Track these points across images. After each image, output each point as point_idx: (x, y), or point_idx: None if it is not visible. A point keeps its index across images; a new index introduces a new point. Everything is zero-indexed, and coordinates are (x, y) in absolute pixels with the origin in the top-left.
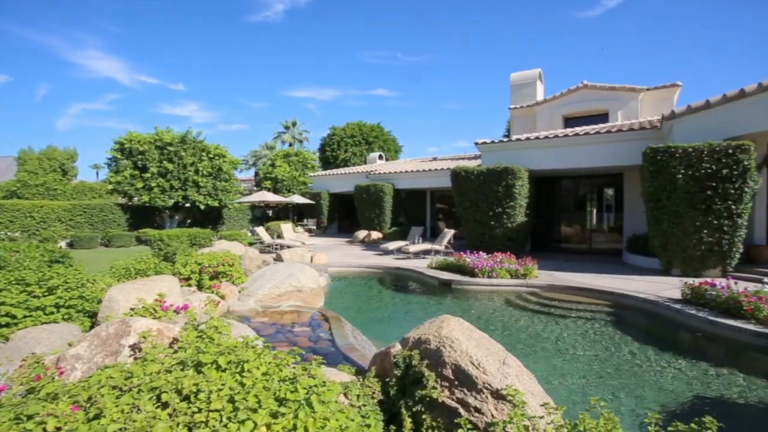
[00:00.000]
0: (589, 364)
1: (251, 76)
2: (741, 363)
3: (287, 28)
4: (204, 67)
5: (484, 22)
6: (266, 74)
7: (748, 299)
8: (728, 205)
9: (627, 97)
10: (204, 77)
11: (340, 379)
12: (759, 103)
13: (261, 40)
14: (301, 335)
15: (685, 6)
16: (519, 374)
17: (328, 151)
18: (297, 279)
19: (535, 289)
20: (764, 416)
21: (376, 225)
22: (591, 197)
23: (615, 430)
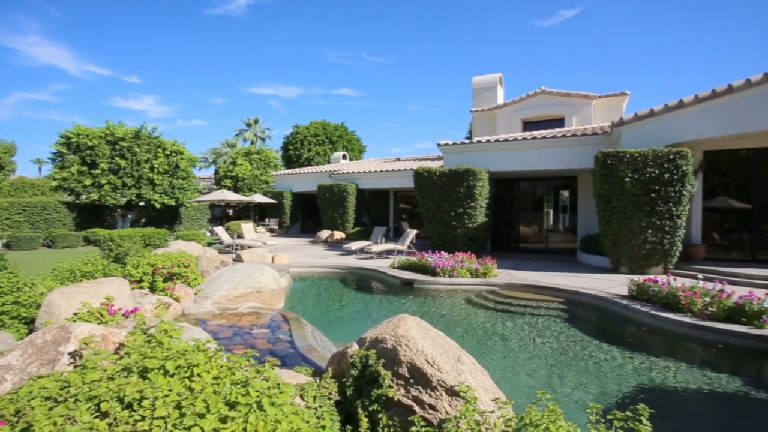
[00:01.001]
0: (544, 358)
1: (211, 71)
2: (678, 353)
3: (250, 23)
4: (160, 60)
5: (448, 26)
6: (227, 69)
7: (685, 294)
8: (669, 207)
9: (581, 103)
10: (161, 70)
11: (296, 380)
12: (695, 114)
13: (222, 33)
14: (259, 337)
15: (636, 20)
16: (473, 371)
17: (292, 150)
18: (256, 280)
19: (495, 288)
20: (696, 399)
21: (340, 225)
22: (548, 198)
23: (558, 420)
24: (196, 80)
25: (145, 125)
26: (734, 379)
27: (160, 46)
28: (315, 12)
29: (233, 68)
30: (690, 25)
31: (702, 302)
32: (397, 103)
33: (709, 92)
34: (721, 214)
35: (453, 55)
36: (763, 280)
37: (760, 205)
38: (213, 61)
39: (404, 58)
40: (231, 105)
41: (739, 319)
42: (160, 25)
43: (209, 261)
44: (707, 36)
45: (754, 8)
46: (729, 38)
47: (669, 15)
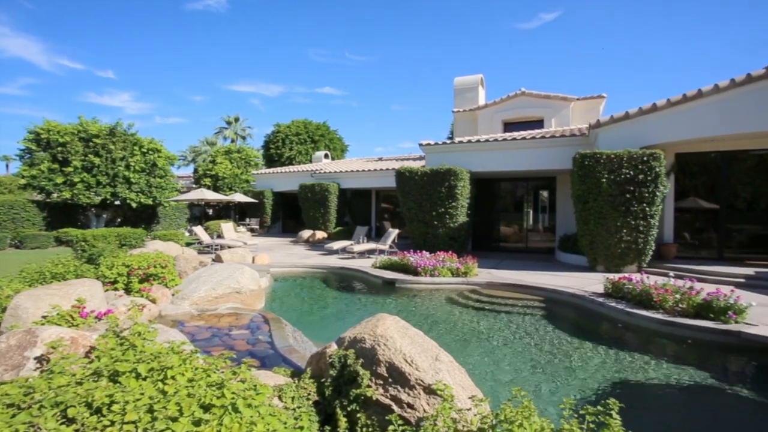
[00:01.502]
0: (523, 355)
1: (191, 67)
2: (651, 348)
3: (230, 20)
4: (137, 55)
5: (430, 26)
6: (207, 66)
7: (657, 291)
8: (643, 207)
9: (560, 105)
10: (137, 65)
11: (274, 381)
12: (667, 117)
13: (202, 29)
14: (238, 338)
15: (614, 23)
16: (450, 369)
17: (273, 149)
18: (236, 280)
19: (475, 287)
20: (666, 392)
21: (321, 225)
22: (528, 199)
23: (532, 416)
24: (174, 77)
25: (120, 122)
26: (702, 373)
27: (137, 40)
28: (297, 9)
29: (213, 65)
30: (667, 28)
31: (673, 299)
32: (379, 102)
33: (681, 96)
34: (691, 215)
35: (435, 55)
36: (730, 278)
37: (727, 206)
38: (192, 57)
39: (387, 58)
40: (211, 102)
41: (707, 315)
42: (137, 19)
43: (187, 261)
44: (684, 39)
45: (733, 14)
46: (706, 42)
47: (646, 19)
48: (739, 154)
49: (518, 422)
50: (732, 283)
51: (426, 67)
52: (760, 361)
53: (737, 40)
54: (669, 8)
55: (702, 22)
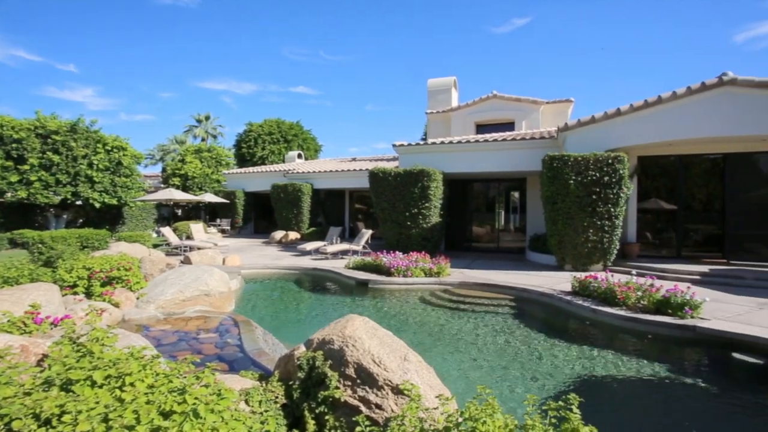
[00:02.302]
0: (493, 353)
1: (159, 63)
2: (614, 343)
3: (201, 15)
4: (102, 48)
5: (405, 27)
6: (176, 62)
7: (620, 289)
8: (608, 208)
9: (530, 108)
10: (101, 59)
11: (241, 385)
12: (630, 121)
13: (171, 24)
14: (207, 342)
15: (584, 29)
16: (419, 369)
17: (245, 148)
18: (205, 282)
19: (448, 287)
20: (628, 385)
21: (294, 225)
22: (499, 199)
23: (495, 413)
24: (142, 72)
25: (82, 118)
26: (661, 366)
27: (101, 33)
28: (271, 6)
29: (183, 61)
30: (634, 33)
31: (635, 296)
32: (354, 102)
33: (642, 102)
34: (653, 215)
35: (410, 56)
36: (687, 275)
37: (685, 207)
38: (161, 52)
39: (362, 58)
40: (180, 100)
41: (666, 311)
42: (101, 11)
43: (154, 263)
44: (652, 44)
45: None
46: (673, 47)
47: (614, 25)
48: (695, 158)
49: (482, 420)
50: (689, 280)
51: (400, 68)
52: (712, 354)
53: (701, 46)
54: (637, 15)
55: (670, 28)
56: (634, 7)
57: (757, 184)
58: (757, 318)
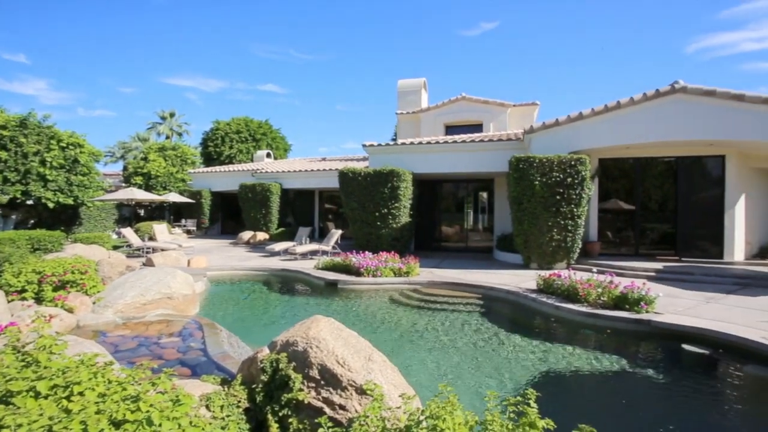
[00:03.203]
0: (460, 350)
1: (121, 56)
2: (576, 338)
3: (167, 7)
4: (57, 38)
5: (376, 28)
6: (139, 56)
7: (582, 286)
8: (571, 208)
9: (498, 110)
10: (57, 50)
11: (202, 390)
12: (591, 125)
13: (134, 15)
14: (168, 347)
15: (550, 33)
16: (383, 368)
17: (212, 147)
18: (167, 285)
19: (417, 286)
20: (588, 377)
21: (263, 226)
22: (468, 200)
23: (455, 410)
24: (101, 65)
25: (33, 112)
26: (618, 358)
27: (56, 22)
28: (240, 1)
29: (146, 55)
30: (597, 40)
31: (596, 293)
32: (324, 102)
33: (603, 107)
34: (613, 215)
35: (380, 56)
36: (644, 272)
37: (642, 207)
38: (122, 45)
39: (333, 57)
40: (143, 95)
41: (624, 306)
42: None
43: (112, 266)
44: (613, 50)
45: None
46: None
47: (577, 33)
48: (651, 160)
49: (442, 417)
50: (645, 277)
51: (371, 68)
52: (666, 346)
53: (659, 55)
54: (598, 24)
55: (630, 36)
56: (595, 16)
57: (705, 186)
58: (705, 311)
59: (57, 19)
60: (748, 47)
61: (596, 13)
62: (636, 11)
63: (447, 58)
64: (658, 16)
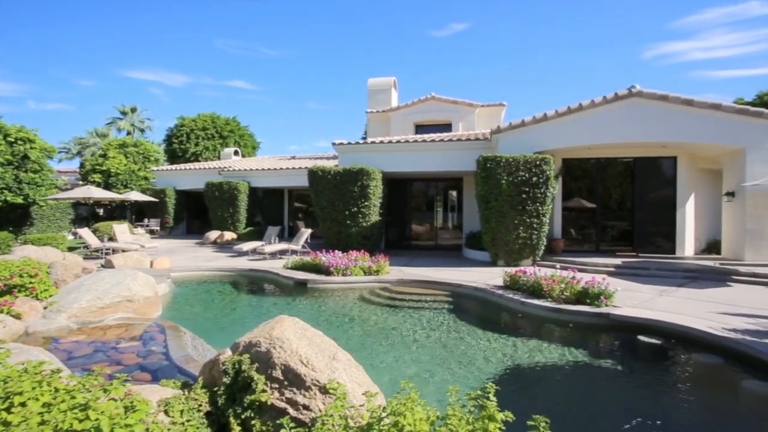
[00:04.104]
0: (429, 347)
1: (77, 47)
2: (541, 332)
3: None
4: (3, 26)
5: (347, 26)
6: (98, 47)
7: (546, 282)
8: (537, 206)
9: (466, 110)
10: (3, 38)
11: (160, 395)
12: (555, 126)
13: (90, 3)
14: (127, 351)
15: (518, 36)
16: (347, 367)
17: (176, 144)
18: (127, 287)
19: (386, 284)
20: (552, 370)
21: (230, 225)
22: (438, 198)
23: (415, 406)
24: (56, 56)
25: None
26: (580, 351)
27: (2, 7)
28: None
29: (105, 46)
30: (562, 44)
31: (559, 288)
32: (294, 99)
33: (566, 108)
34: (576, 213)
35: (351, 54)
36: (604, 267)
37: (603, 205)
38: (79, 34)
39: (303, 54)
40: (102, 89)
41: (585, 301)
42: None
43: (67, 268)
44: (577, 54)
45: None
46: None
47: (544, 37)
48: (611, 161)
49: (403, 413)
50: (605, 272)
51: (342, 66)
52: (623, 337)
53: (618, 60)
54: (562, 27)
55: (594, 41)
56: (561, 20)
57: (659, 185)
58: (658, 303)
59: (2, 5)
60: (697, 56)
61: (562, 17)
62: (600, 16)
63: (417, 58)
64: (621, 20)
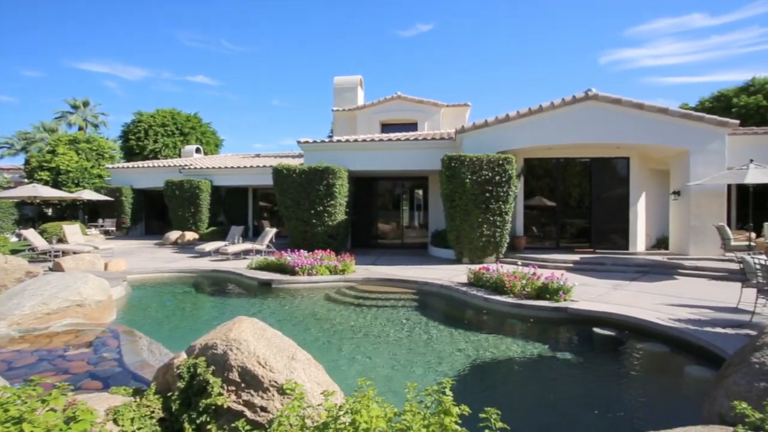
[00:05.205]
0: (393, 344)
1: (20, 34)
2: (503, 327)
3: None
4: None
5: (312, 23)
6: (45, 35)
7: (508, 279)
8: (500, 205)
9: (432, 110)
10: None
11: (109, 403)
12: (517, 126)
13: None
14: (76, 359)
15: (482, 37)
16: (307, 367)
17: (133, 141)
18: (77, 291)
19: (353, 283)
20: (514, 363)
21: (192, 225)
22: (404, 197)
23: (371, 404)
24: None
25: None
26: (540, 344)
27: None
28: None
29: (54, 35)
30: (525, 47)
31: (520, 284)
32: (259, 96)
33: (527, 110)
34: (537, 211)
35: (317, 52)
36: (563, 263)
37: (563, 204)
38: (24, 22)
39: (268, 50)
40: (50, 80)
41: (545, 296)
42: None
43: (8, 272)
44: (539, 57)
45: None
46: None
47: (506, 40)
48: (570, 161)
49: (359, 411)
50: (564, 268)
51: (308, 63)
52: (580, 330)
53: (577, 64)
54: (525, 32)
55: (554, 45)
56: (525, 22)
57: (614, 185)
58: (613, 297)
59: None
60: (649, 63)
61: (526, 19)
62: (561, 19)
63: (383, 57)
64: (579, 25)
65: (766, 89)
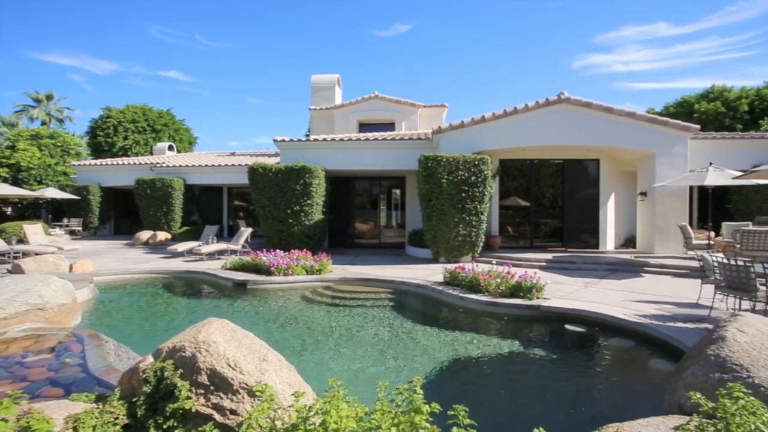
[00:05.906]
0: (370, 344)
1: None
2: (478, 326)
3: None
4: None
5: (290, 20)
6: (4, 24)
7: (483, 277)
8: (475, 205)
9: (409, 110)
10: None
11: (69, 411)
12: (492, 128)
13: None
14: (35, 366)
15: (460, 38)
16: (278, 368)
17: (102, 137)
18: (38, 294)
19: (329, 283)
20: (488, 360)
21: (164, 224)
22: (381, 197)
23: (341, 404)
24: None
25: None
26: (513, 341)
27: None
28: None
29: (13, 24)
30: (503, 50)
31: (495, 283)
32: (235, 93)
33: (502, 111)
34: (512, 211)
35: (295, 49)
36: (536, 262)
37: (537, 204)
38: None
39: (244, 46)
40: (8, 71)
41: (519, 294)
42: None
43: None
44: (513, 60)
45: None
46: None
47: (484, 43)
48: (544, 162)
49: (329, 411)
50: (538, 266)
51: (285, 61)
52: (552, 327)
53: (551, 68)
54: (500, 35)
55: (530, 49)
56: (501, 25)
57: (585, 186)
58: (583, 295)
59: None
60: (619, 69)
61: (502, 22)
62: (537, 22)
63: (362, 57)
64: (553, 30)
65: (724, 96)
